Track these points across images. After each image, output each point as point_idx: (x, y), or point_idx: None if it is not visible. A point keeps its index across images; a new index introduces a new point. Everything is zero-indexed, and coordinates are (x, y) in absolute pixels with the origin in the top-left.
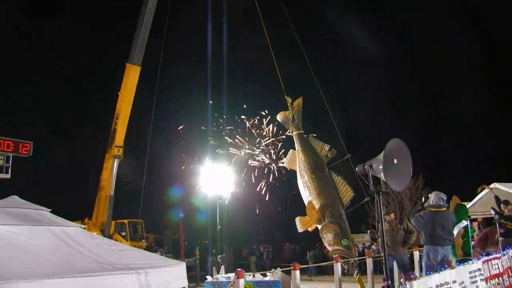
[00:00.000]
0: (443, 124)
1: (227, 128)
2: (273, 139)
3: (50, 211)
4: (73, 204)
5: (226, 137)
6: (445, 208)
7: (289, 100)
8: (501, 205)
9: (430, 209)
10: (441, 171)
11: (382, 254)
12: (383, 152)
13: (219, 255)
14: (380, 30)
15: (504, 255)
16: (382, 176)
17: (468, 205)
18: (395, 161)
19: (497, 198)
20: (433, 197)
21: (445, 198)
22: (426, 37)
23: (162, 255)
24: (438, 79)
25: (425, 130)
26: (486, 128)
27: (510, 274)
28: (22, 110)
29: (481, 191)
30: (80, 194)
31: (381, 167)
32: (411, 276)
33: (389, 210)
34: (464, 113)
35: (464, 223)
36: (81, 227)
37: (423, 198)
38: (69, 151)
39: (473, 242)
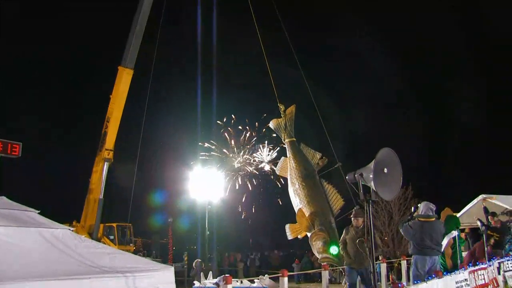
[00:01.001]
0: (434, 135)
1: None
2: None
3: (38, 213)
4: (61, 207)
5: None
6: (434, 218)
7: (282, 107)
8: (489, 217)
9: (419, 218)
10: (431, 182)
11: (371, 264)
12: (373, 161)
13: (196, 260)
14: (376, 37)
15: (490, 265)
16: (372, 185)
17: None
18: (386, 170)
19: (485, 210)
20: (422, 207)
21: (434, 209)
22: (423, 44)
23: (143, 256)
24: (433, 90)
25: (416, 141)
26: (477, 141)
27: (496, 285)
28: (11, 111)
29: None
30: (69, 197)
31: (371, 176)
32: (399, 285)
33: (358, 214)
34: (456, 125)
35: (454, 233)
36: (69, 229)
37: (412, 208)
38: (59, 153)
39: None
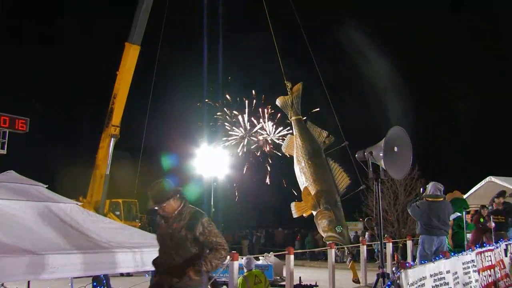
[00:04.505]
0: (441, 115)
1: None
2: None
3: (46, 188)
4: (68, 182)
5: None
6: (442, 198)
7: (288, 85)
8: (495, 199)
9: (427, 198)
10: (437, 162)
11: (379, 242)
12: (384, 139)
13: None
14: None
15: (497, 247)
16: (382, 163)
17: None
18: (396, 149)
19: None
20: (430, 187)
21: (442, 189)
22: (430, 27)
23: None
24: (437, 70)
25: (422, 121)
26: (484, 121)
27: (502, 266)
28: (19, 86)
29: None
30: (76, 173)
31: (381, 154)
32: (406, 264)
33: (162, 197)
34: (462, 105)
35: (457, 214)
36: (77, 204)
37: (421, 189)
38: (66, 128)
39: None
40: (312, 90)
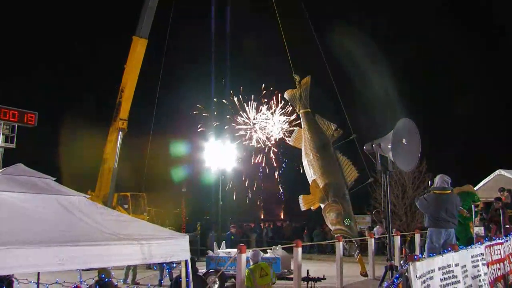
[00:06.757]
0: (449, 108)
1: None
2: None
3: (54, 181)
4: (76, 176)
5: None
6: (449, 191)
7: (297, 78)
8: (500, 193)
9: (434, 191)
10: (446, 155)
11: (387, 235)
12: (392, 131)
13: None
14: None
15: (507, 241)
16: (390, 155)
17: None
18: (404, 140)
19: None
20: (437, 179)
21: (450, 181)
22: (442, 25)
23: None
24: (446, 61)
25: (430, 114)
26: (493, 113)
27: (511, 260)
28: (28, 80)
29: None
30: (84, 166)
31: (389, 146)
32: (415, 257)
33: None
34: (471, 97)
35: None
36: (85, 196)
37: (429, 182)
38: (74, 122)
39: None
40: (319, 84)
